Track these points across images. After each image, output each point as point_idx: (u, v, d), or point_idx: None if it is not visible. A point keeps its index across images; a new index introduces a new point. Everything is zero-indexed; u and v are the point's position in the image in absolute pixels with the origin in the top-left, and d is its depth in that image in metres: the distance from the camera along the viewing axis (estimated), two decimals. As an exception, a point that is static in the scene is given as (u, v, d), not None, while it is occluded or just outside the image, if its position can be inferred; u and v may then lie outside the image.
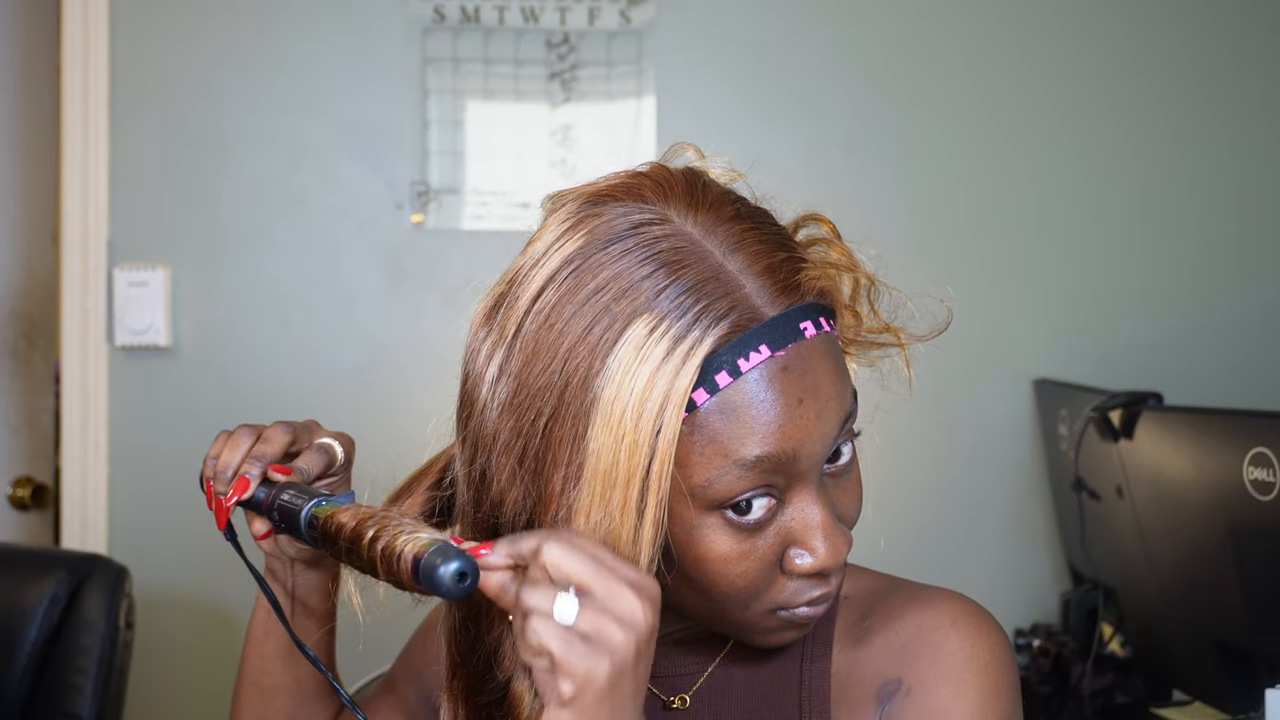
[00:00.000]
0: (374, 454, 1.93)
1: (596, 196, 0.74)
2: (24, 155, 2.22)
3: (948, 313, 0.81)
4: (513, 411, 0.71)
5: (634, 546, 0.69)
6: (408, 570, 0.67)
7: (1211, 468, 1.33)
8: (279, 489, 0.82)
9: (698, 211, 0.73)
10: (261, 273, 1.91)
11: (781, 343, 0.70)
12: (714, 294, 0.69)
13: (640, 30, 1.91)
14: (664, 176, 0.75)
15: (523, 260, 0.74)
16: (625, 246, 0.70)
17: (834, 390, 0.72)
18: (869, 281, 0.80)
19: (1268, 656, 1.33)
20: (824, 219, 0.80)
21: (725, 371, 0.69)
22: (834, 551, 0.72)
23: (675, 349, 0.68)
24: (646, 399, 0.68)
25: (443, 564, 0.65)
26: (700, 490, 0.70)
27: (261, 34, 1.90)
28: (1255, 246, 2.01)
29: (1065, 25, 1.98)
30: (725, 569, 0.72)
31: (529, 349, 0.71)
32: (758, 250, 0.72)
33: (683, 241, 0.71)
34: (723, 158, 0.82)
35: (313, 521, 0.78)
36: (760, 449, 0.69)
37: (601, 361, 0.68)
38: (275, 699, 0.96)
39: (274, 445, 0.85)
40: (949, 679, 0.77)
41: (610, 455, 0.68)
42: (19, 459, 2.23)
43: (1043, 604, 1.96)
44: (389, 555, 0.68)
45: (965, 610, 0.80)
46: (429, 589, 0.66)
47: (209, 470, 0.85)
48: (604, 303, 0.69)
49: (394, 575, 0.68)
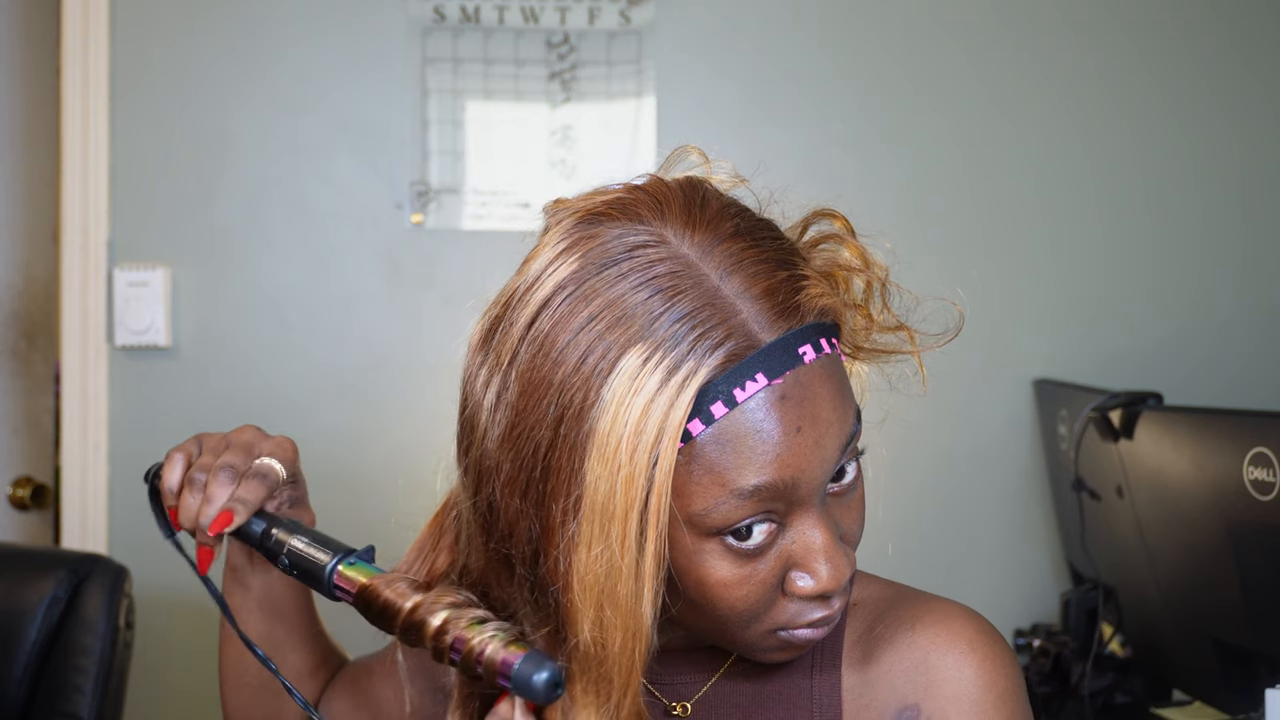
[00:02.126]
0: (373, 454, 1.95)
1: (592, 215, 0.73)
2: (24, 155, 2.22)
3: (959, 317, 0.81)
4: (512, 443, 0.71)
5: (636, 580, 0.68)
6: (494, 671, 0.71)
7: (1211, 468, 1.33)
8: (266, 523, 0.84)
9: (695, 230, 0.71)
10: (261, 273, 1.91)
11: (779, 370, 0.69)
12: (710, 321, 0.68)
13: (640, 30, 1.91)
14: (661, 193, 0.74)
15: (518, 282, 0.73)
16: (620, 271, 0.69)
17: (834, 416, 0.71)
18: (881, 281, 0.79)
19: (1268, 656, 1.33)
20: (837, 215, 0.79)
21: (721, 402, 0.68)
22: (836, 574, 0.72)
23: (670, 380, 0.67)
24: (641, 431, 0.67)
25: (535, 673, 0.69)
26: (699, 518, 0.69)
27: (261, 34, 1.90)
28: (1260, 248, 2.01)
29: (1072, 23, 1.98)
30: (726, 593, 0.71)
31: (525, 378, 0.70)
32: (756, 271, 0.70)
33: (679, 265, 0.69)
34: (726, 162, 0.80)
35: (342, 584, 0.80)
36: (758, 479, 0.68)
37: (596, 392, 0.68)
38: (260, 693, 0.96)
39: (221, 497, 0.84)
40: (970, 711, 0.77)
41: (607, 487, 0.67)
42: (19, 459, 2.23)
43: (1043, 604, 1.96)
44: (467, 652, 0.72)
45: (980, 630, 0.80)
46: (519, 693, 0.71)
47: (186, 522, 0.86)
48: (598, 331, 0.68)
49: (469, 669, 0.72)
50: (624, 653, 0.70)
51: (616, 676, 0.70)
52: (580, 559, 0.69)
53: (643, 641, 0.70)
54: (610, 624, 0.69)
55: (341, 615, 0.92)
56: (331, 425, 1.90)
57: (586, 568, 0.68)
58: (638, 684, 0.71)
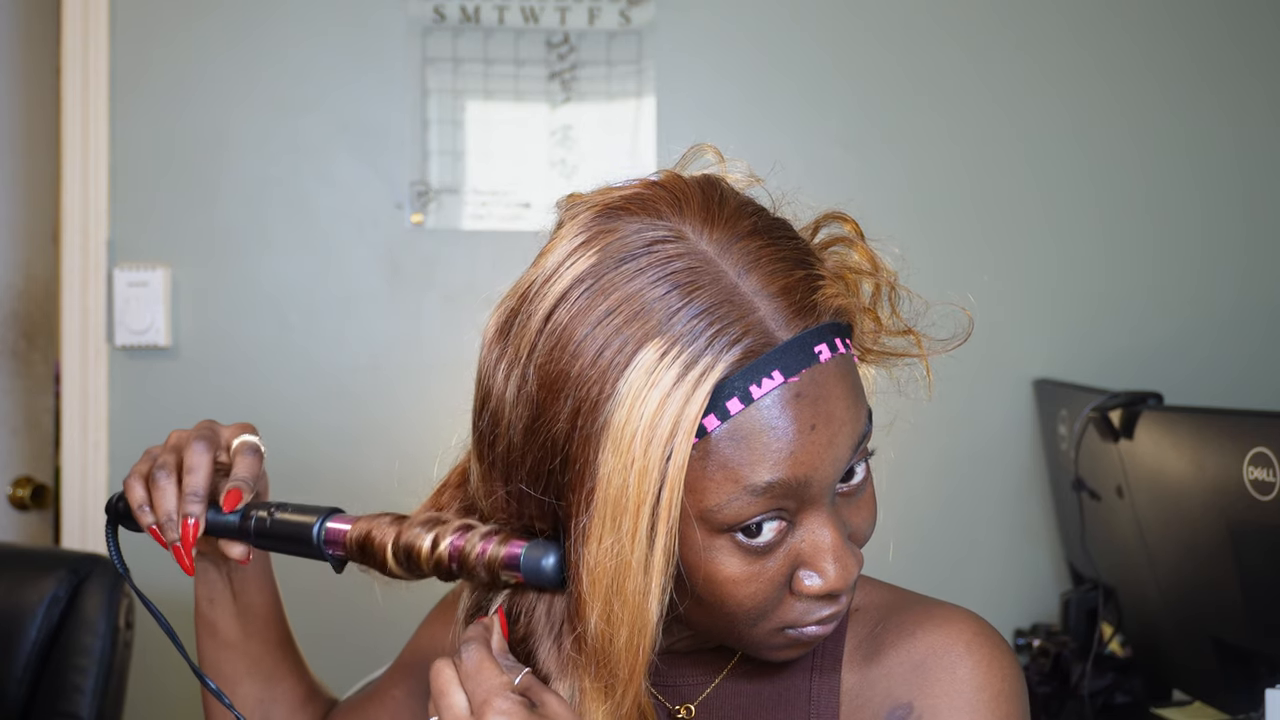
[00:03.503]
0: (373, 454, 1.95)
1: (610, 210, 0.73)
2: (24, 155, 2.22)
3: (969, 322, 0.81)
4: (534, 435, 0.71)
5: (645, 574, 0.69)
6: (499, 567, 0.73)
7: (1211, 468, 1.33)
8: (248, 509, 0.84)
9: (713, 227, 0.71)
10: (261, 273, 1.91)
11: (795, 368, 0.69)
12: (727, 318, 0.68)
13: (640, 30, 1.91)
14: (680, 189, 0.74)
15: (535, 274, 0.73)
16: (639, 266, 0.69)
17: (847, 415, 0.71)
18: (890, 285, 0.79)
19: (1268, 656, 1.33)
20: (847, 218, 0.79)
21: (737, 398, 0.68)
22: (844, 573, 0.72)
23: (686, 374, 0.67)
24: (656, 425, 0.67)
25: (544, 558, 0.72)
26: (710, 514, 0.69)
27: (261, 34, 1.90)
28: (1260, 247, 2.01)
29: (1072, 24, 1.98)
30: (734, 590, 0.71)
31: (543, 371, 0.70)
32: (774, 270, 0.70)
33: (697, 261, 0.70)
34: (741, 161, 0.80)
35: (331, 539, 0.80)
36: (771, 475, 0.68)
37: (612, 386, 0.68)
38: (238, 685, 0.97)
39: (201, 473, 0.85)
40: (961, 708, 0.77)
41: (620, 480, 0.67)
42: (19, 459, 2.23)
43: (1043, 604, 1.96)
44: (464, 558, 0.73)
45: (978, 632, 0.79)
46: (532, 581, 0.72)
47: (145, 519, 0.86)
48: (616, 325, 0.68)
49: (473, 574, 0.74)
50: (629, 648, 0.70)
51: (621, 671, 0.70)
52: (591, 551, 0.69)
53: (648, 637, 0.70)
54: (617, 618, 0.69)
55: (326, 653, 0.92)
56: (331, 425, 1.90)
57: (597, 560, 0.69)
58: (640, 679, 0.71)
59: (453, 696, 0.70)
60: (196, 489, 0.84)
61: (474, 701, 0.69)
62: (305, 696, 1.01)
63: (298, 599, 1.10)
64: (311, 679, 1.02)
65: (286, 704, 0.99)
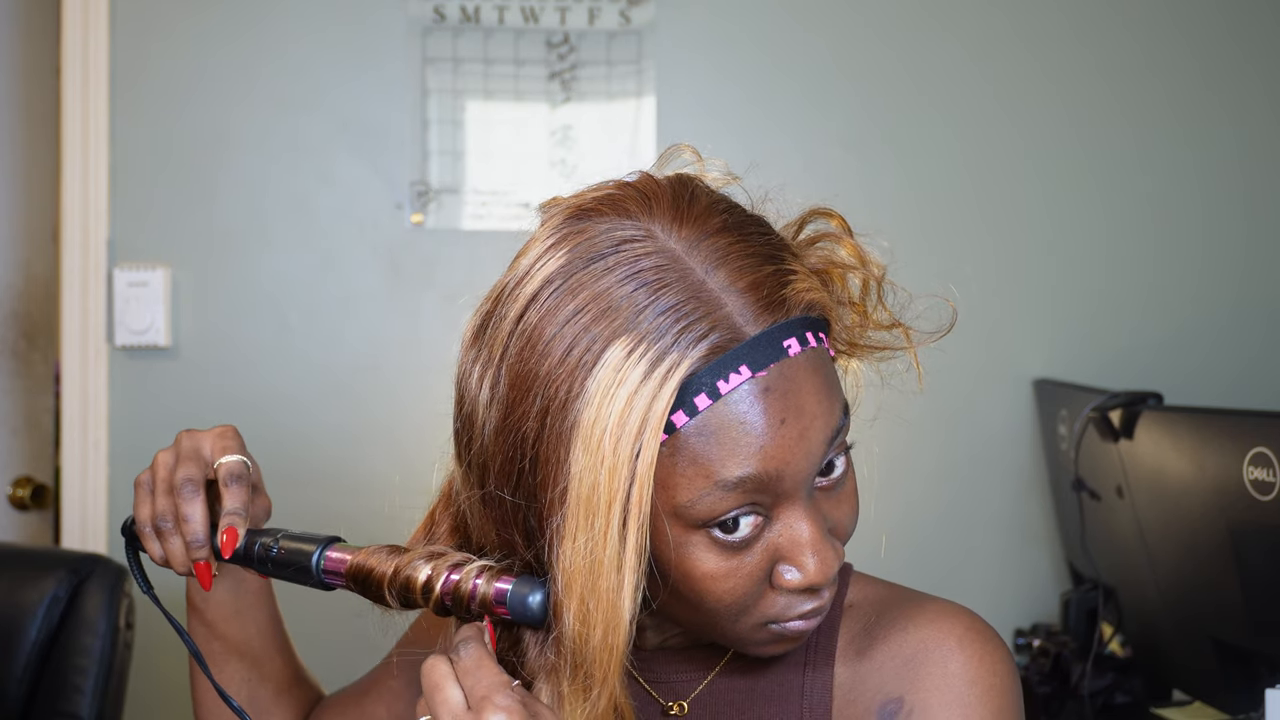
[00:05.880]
0: (373, 453, 1.94)
1: (581, 211, 0.73)
2: (24, 155, 2.22)
3: (953, 313, 0.81)
4: (505, 435, 0.71)
5: (618, 572, 0.69)
6: (489, 605, 0.73)
7: (1211, 468, 1.33)
8: (252, 537, 0.86)
9: (682, 226, 0.71)
10: (261, 273, 1.91)
11: (763, 363, 0.69)
12: (694, 314, 0.68)
13: (640, 30, 1.91)
14: (650, 189, 0.74)
15: (508, 277, 0.73)
16: (607, 265, 0.70)
17: (819, 409, 0.71)
18: (876, 280, 0.79)
19: (1268, 656, 1.33)
20: (833, 213, 0.79)
21: (705, 394, 0.68)
22: (823, 567, 0.72)
23: (653, 371, 0.67)
24: (625, 422, 0.67)
25: (529, 596, 0.72)
26: (684, 510, 0.69)
27: (261, 34, 1.90)
28: (1261, 247, 2.01)
29: (1073, 22, 1.98)
30: (712, 585, 0.71)
31: (514, 371, 0.70)
32: (742, 265, 0.71)
33: (665, 259, 0.70)
34: (719, 160, 0.81)
35: (331, 568, 0.81)
36: (741, 470, 0.69)
37: (581, 384, 0.68)
38: (226, 664, 0.98)
39: (197, 521, 0.86)
40: (952, 703, 0.77)
41: (591, 479, 0.68)
42: (19, 459, 2.23)
43: (1043, 604, 1.96)
44: (459, 596, 0.74)
45: (971, 627, 0.79)
46: (519, 619, 0.72)
47: (179, 565, 0.88)
48: (584, 323, 0.69)
49: (467, 612, 0.74)
50: (604, 646, 0.70)
51: (597, 670, 0.70)
52: (565, 551, 0.69)
53: (621, 635, 0.70)
54: (592, 617, 0.69)
55: (320, 650, 0.92)
56: (331, 425, 1.90)
57: (570, 560, 0.69)
58: (616, 678, 0.71)
59: (448, 691, 0.69)
60: (197, 537, 0.86)
61: (473, 697, 0.69)
62: (292, 679, 1.00)
63: (294, 599, 1.10)
64: (299, 663, 1.02)
65: (274, 684, 0.99)
